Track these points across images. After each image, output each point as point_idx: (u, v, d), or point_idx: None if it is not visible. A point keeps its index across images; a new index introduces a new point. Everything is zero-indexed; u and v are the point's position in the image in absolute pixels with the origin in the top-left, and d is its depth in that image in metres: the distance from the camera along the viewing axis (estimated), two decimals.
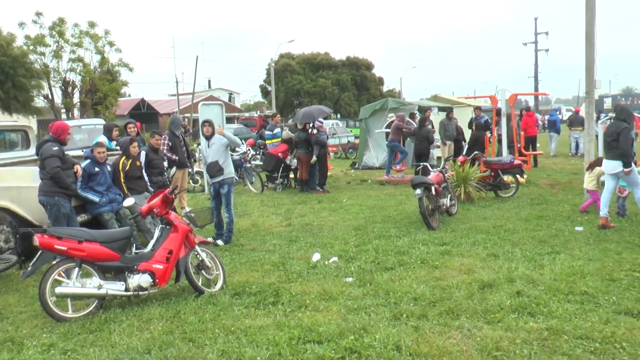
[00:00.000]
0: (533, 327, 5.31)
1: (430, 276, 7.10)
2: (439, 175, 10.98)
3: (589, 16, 11.89)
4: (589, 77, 12.12)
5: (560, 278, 6.81)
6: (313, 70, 60.23)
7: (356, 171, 20.45)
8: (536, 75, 65.60)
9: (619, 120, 9.83)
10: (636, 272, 7.02)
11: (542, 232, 9.38)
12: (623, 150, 9.52)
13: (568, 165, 19.79)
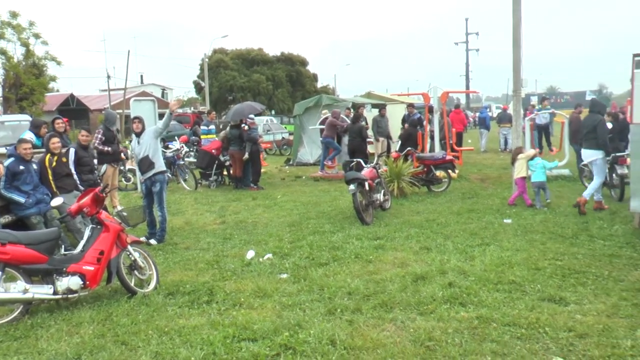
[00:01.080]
0: (464, 317, 5.45)
1: (364, 270, 7.17)
2: (372, 171, 11.10)
3: (516, 20, 12.32)
4: (516, 76, 12.55)
5: (490, 268, 7.01)
6: (247, 66, 59.75)
7: (290, 167, 20.43)
8: (467, 74, 67.32)
9: (594, 113, 10.61)
10: (559, 260, 7.35)
11: (473, 225, 9.63)
12: (602, 141, 10.34)
13: (498, 161, 20.39)
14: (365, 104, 21.18)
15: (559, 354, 4.70)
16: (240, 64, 59.48)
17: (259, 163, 15.70)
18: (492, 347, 4.79)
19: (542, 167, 11.32)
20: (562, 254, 7.71)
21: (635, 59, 8.79)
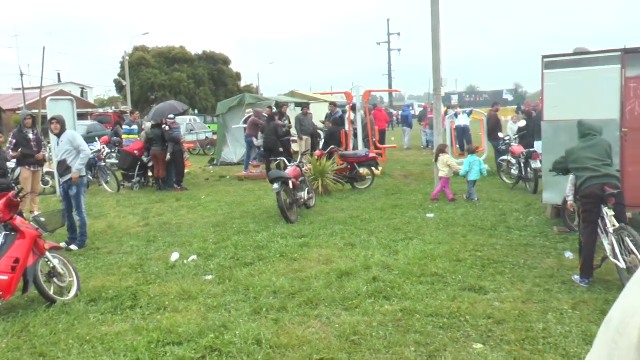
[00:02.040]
0: (388, 310, 5.55)
1: (290, 269, 7.17)
2: (296, 170, 11.12)
3: (434, 22, 12.69)
4: (436, 76, 12.91)
5: (413, 262, 7.17)
6: (168, 64, 58.47)
7: (215, 167, 20.19)
8: (390, 73, 68.61)
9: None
10: (479, 252, 7.62)
11: (397, 221, 9.81)
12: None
13: (420, 158, 20.87)
14: (289, 102, 21.20)
15: (478, 340, 4.87)
16: (162, 62, 58.17)
17: (182, 163, 15.42)
18: (416, 338, 4.90)
19: (479, 165, 11.76)
20: (481, 245, 7.98)
21: (545, 61, 9.19)
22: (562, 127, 8.71)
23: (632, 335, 0.76)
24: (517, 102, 42.77)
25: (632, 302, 0.79)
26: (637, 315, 0.76)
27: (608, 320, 0.82)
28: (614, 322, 0.81)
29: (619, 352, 0.77)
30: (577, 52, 9.37)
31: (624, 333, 0.77)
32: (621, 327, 0.78)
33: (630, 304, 0.79)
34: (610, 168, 6.44)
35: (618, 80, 8.57)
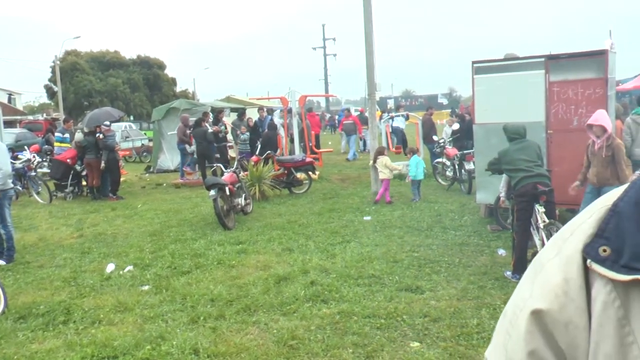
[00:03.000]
0: (326, 313, 5.58)
1: (227, 276, 7.11)
2: (233, 176, 11.04)
3: (367, 27, 12.91)
4: (370, 81, 13.13)
5: (351, 265, 7.23)
6: (102, 69, 56.97)
7: (151, 175, 19.78)
8: (326, 78, 68.98)
9: None
10: (415, 252, 7.76)
11: (334, 224, 9.88)
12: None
13: (358, 161, 21.04)
14: (225, 108, 21.04)
15: (415, 338, 4.96)
16: (95, 67, 56.63)
17: (117, 172, 15.04)
18: (354, 340, 4.94)
19: (422, 166, 11.97)
20: (418, 245, 8.14)
21: (474, 66, 9.47)
22: (493, 129, 8.97)
23: (520, 326, 0.80)
24: (451, 105, 43.89)
25: (523, 294, 0.83)
26: (526, 307, 0.79)
27: (504, 314, 0.87)
28: (508, 315, 0.85)
29: (512, 343, 0.81)
30: (506, 58, 9.71)
31: (515, 325, 0.81)
32: (513, 319, 0.82)
33: (520, 297, 0.83)
34: (541, 168, 6.85)
35: (542, 84, 8.93)
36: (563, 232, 0.84)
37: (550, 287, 0.78)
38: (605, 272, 0.74)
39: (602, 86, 8.67)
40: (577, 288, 0.76)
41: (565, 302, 0.76)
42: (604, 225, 0.77)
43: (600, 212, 0.80)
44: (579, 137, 8.19)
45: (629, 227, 0.75)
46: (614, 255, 0.74)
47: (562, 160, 8.71)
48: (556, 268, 0.79)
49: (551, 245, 0.84)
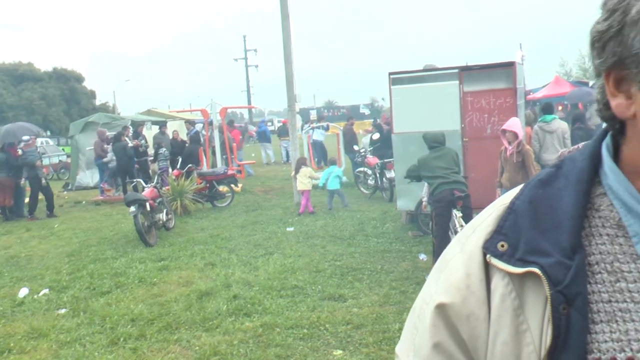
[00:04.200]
0: (249, 327, 5.56)
1: (149, 294, 6.95)
2: (154, 191, 10.81)
3: (286, 39, 13.03)
4: (290, 92, 13.23)
5: (274, 276, 7.23)
6: (15, 83, 54.40)
7: (69, 192, 19.09)
8: (248, 89, 68.80)
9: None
10: (338, 261, 7.84)
11: (257, 236, 9.85)
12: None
13: (280, 172, 21.01)
14: (146, 121, 20.60)
15: (338, 346, 5.01)
16: (7, 81, 54.01)
17: (38, 190, 14.28)
18: (277, 351, 4.94)
19: (336, 176, 12.07)
20: (340, 254, 8.22)
21: (391, 77, 9.70)
22: (411, 138, 9.19)
23: (426, 320, 0.83)
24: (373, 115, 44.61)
25: (429, 290, 0.87)
26: (432, 302, 0.83)
27: (412, 309, 0.90)
28: (416, 310, 0.89)
29: (419, 337, 0.85)
30: (423, 69, 10.01)
31: (421, 319, 0.85)
32: (420, 313, 0.86)
33: (427, 292, 0.87)
34: (458, 175, 7.16)
35: (457, 94, 9.26)
36: (466, 230, 0.88)
37: (453, 281, 0.82)
38: (502, 266, 0.78)
39: (512, 95, 9.09)
40: (478, 282, 0.80)
41: (467, 296, 0.80)
42: (502, 222, 0.82)
43: (499, 210, 0.84)
44: (492, 144, 8.55)
45: (523, 224, 0.80)
46: (511, 250, 0.78)
47: (478, 166, 9.04)
48: (459, 264, 0.83)
49: (455, 242, 0.88)
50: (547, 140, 9.25)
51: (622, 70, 0.74)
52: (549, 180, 0.83)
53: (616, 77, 0.75)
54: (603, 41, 0.75)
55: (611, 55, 0.74)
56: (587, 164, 0.82)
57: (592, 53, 0.78)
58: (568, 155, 0.86)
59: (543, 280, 0.74)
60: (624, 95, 0.75)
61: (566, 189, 0.80)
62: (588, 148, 0.84)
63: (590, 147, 0.83)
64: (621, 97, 0.75)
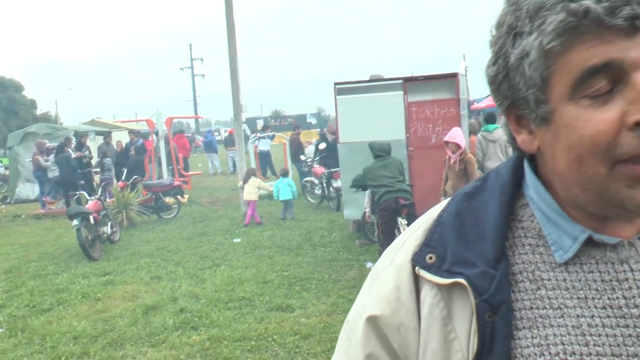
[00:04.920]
0: (196, 340, 5.50)
1: (92, 310, 6.79)
2: (97, 203, 10.59)
3: (232, 49, 13.00)
4: (236, 102, 13.21)
5: (221, 288, 7.19)
6: None
7: (8, 206, 18.46)
8: (195, 99, 68.08)
9: None
10: (285, 271, 7.85)
11: (204, 248, 9.76)
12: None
13: (227, 183, 20.84)
14: (89, 132, 20.16)
15: (286, 357, 5.03)
16: None
17: None
18: None
19: (287, 185, 12.06)
20: (288, 264, 8.23)
21: (336, 87, 9.79)
22: (357, 148, 9.28)
23: (358, 332, 0.85)
24: (320, 125, 44.80)
25: (362, 302, 0.89)
26: (363, 314, 0.85)
27: (346, 322, 0.92)
28: (349, 322, 0.91)
29: (352, 349, 0.87)
30: (369, 80, 10.15)
31: (354, 331, 0.87)
32: (353, 326, 0.88)
33: (360, 305, 0.89)
34: (403, 184, 7.29)
35: (401, 104, 9.42)
36: (396, 243, 0.90)
37: (383, 294, 0.85)
38: (431, 277, 0.81)
39: (456, 105, 9.32)
40: (408, 293, 0.83)
41: (397, 307, 0.83)
42: (430, 235, 0.85)
43: (428, 223, 0.87)
44: (437, 153, 8.73)
45: (450, 236, 0.83)
46: (439, 262, 0.81)
47: (423, 175, 9.20)
48: (389, 276, 0.86)
49: (386, 255, 0.91)
50: (490, 149, 9.49)
51: (518, 110, 0.78)
52: (475, 193, 0.87)
53: (515, 115, 0.80)
54: (496, 84, 0.79)
55: (505, 98, 0.79)
56: (510, 176, 0.86)
57: (491, 93, 0.83)
58: (493, 169, 0.91)
59: (469, 290, 0.78)
60: (526, 131, 0.80)
61: (490, 201, 0.84)
62: (511, 161, 0.88)
63: (513, 161, 0.88)
64: (524, 133, 0.80)
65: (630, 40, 0.66)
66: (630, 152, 0.67)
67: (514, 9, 0.73)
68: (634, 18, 0.65)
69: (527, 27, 0.71)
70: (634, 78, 0.67)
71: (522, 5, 0.72)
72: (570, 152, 0.72)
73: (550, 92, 0.72)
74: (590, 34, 0.67)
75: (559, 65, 0.70)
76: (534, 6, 0.70)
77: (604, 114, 0.68)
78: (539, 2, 0.70)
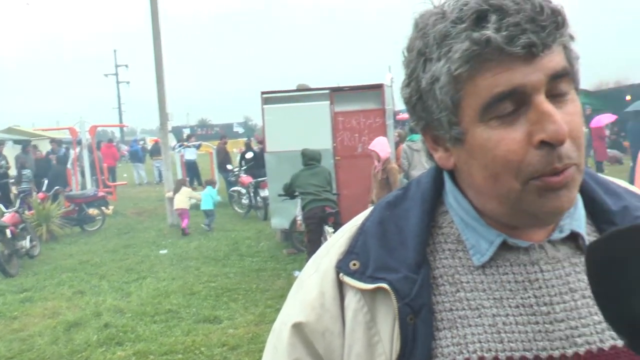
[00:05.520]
0: (121, 356, 5.40)
1: (8, 329, 6.50)
2: (15, 216, 10.17)
3: (157, 56, 12.83)
4: (162, 111, 13.03)
5: (147, 302, 7.07)
6: None
7: None
8: (119, 107, 66.39)
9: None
10: (212, 282, 7.81)
11: (129, 261, 9.56)
12: None
13: (154, 193, 20.40)
14: (6, 140, 19.30)
15: None
16: None
17: None
18: None
19: (209, 196, 11.95)
20: (215, 275, 8.18)
21: (263, 96, 9.82)
22: (284, 157, 9.34)
23: (284, 339, 0.88)
24: (247, 134, 44.61)
25: (287, 310, 0.92)
26: (289, 322, 0.88)
27: (272, 330, 0.95)
28: (275, 331, 0.93)
29: (278, 356, 0.89)
30: (296, 89, 10.23)
31: (280, 339, 0.90)
32: (279, 334, 0.90)
33: (286, 313, 0.92)
34: (329, 193, 7.43)
35: (328, 114, 9.55)
36: (321, 251, 0.94)
37: (309, 301, 0.88)
38: (354, 283, 0.85)
39: (382, 116, 9.52)
40: (332, 299, 0.86)
41: (322, 313, 0.86)
42: (354, 242, 0.88)
43: (351, 231, 0.91)
44: (363, 162, 8.89)
45: (373, 243, 0.87)
46: (362, 268, 0.85)
47: (350, 183, 9.34)
48: (314, 283, 0.89)
49: (311, 263, 0.94)
50: (415, 158, 9.70)
51: (433, 130, 0.84)
52: (397, 201, 0.92)
53: (431, 135, 0.86)
54: (410, 105, 0.84)
55: (420, 119, 0.84)
56: (431, 185, 0.91)
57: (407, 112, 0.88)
58: (414, 178, 0.96)
59: (391, 295, 0.82)
60: (442, 149, 0.85)
61: (412, 209, 0.89)
62: (432, 171, 0.93)
63: (433, 170, 0.93)
64: (441, 151, 0.86)
65: (529, 66, 0.73)
66: (540, 170, 0.74)
67: (422, 34, 0.79)
68: (531, 46, 0.72)
69: (435, 54, 0.77)
70: (536, 100, 0.74)
71: (429, 32, 0.77)
72: (485, 169, 0.78)
73: (461, 114, 0.78)
74: (493, 60, 0.73)
75: (468, 90, 0.76)
76: (439, 34, 0.76)
77: (512, 134, 0.75)
78: (444, 31, 0.75)
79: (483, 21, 0.73)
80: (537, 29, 0.72)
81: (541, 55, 0.73)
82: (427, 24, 0.78)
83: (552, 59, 0.74)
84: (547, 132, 0.73)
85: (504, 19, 0.72)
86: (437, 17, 0.77)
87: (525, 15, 0.72)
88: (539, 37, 0.72)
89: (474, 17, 0.73)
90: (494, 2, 0.73)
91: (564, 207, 0.78)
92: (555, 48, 0.75)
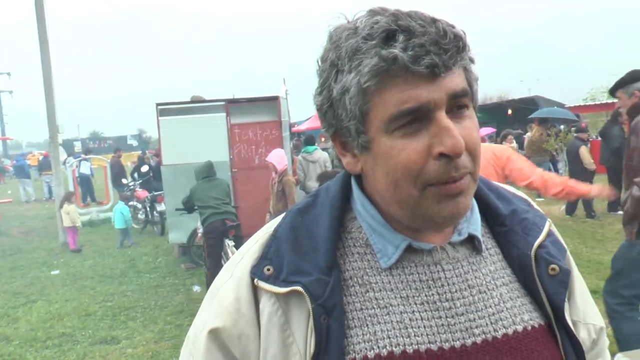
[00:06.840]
0: None
1: None
2: None
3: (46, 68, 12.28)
4: (52, 122, 12.40)
5: (38, 326, 6.74)
6: None
7: None
8: (1, 118, 62.57)
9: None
10: (109, 302, 7.55)
11: (17, 284, 9.06)
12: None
13: (43, 210, 19.42)
14: None
15: None
16: None
17: None
18: None
19: (120, 213, 11.52)
20: (111, 294, 7.93)
21: (158, 108, 9.63)
22: (181, 169, 9.19)
23: (200, 346, 0.90)
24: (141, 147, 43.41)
25: (202, 317, 0.94)
26: (205, 328, 0.91)
27: (187, 338, 0.97)
28: (190, 338, 0.95)
29: None
30: (191, 100, 10.09)
31: (196, 345, 0.92)
32: (195, 341, 0.93)
33: (201, 320, 0.94)
34: (229, 206, 7.38)
35: (224, 126, 9.51)
36: (235, 258, 0.97)
37: (224, 306, 0.90)
38: (269, 288, 0.89)
39: (278, 128, 9.59)
40: (247, 304, 0.90)
41: (237, 318, 0.89)
42: (267, 248, 0.93)
43: (264, 237, 0.95)
44: (261, 174, 8.91)
45: (285, 249, 0.91)
46: (276, 273, 0.89)
47: (248, 195, 9.33)
48: (229, 289, 0.92)
49: (225, 270, 0.97)
50: (310, 169, 9.86)
51: (342, 137, 0.91)
52: (307, 208, 0.97)
53: (340, 141, 0.92)
54: (322, 112, 0.91)
55: (330, 125, 0.91)
56: (339, 192, 0.97)
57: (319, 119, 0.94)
58: (323, 186, 1.02)
59: (305, 296, 0.87)
60: (350, 155, 0.92)
61: (321, 216, 0.94)
62: (340, 179, 0.99)
63: (342, 178, 0.99)
64: (349, 157, 0.93)
65: (432, 84, 0.80)
66: (437, 178, 0.82)
67: (335, 47, 0.85)
68: (433, 66, 0.79)
69: (346, 66, 0.83)
70: (437, 116, 0.81)
71: (342, 46, 0.84)
72: (387, 176, 0.85)
73: (368, 124, 0.85)
74: (400, 77, 0.80)
75: (376, 102, 0.82)
76: (351, 49, 0.82)
77: (414, 145, 0.82)
78: (355, 46, 0.82)
79: (391, 40, 0.79)
80: (440, 52, 0.79)
81: (443, 75, 0.81)
82: (340, 37, 0.85)
83: (453, 80, 0.82)
84: (445, 146, 0.81)
85: (411, 40, 0.79)
86: (350, 32, 0.84)
87: (430, 38, 0.79)
88: (441, 59, 0.79)
89: (384, 35, 0.80)
90: (402, 23, 0.80)
91: (461, 212, 0.87)
92: (456, 70, 0.82)
